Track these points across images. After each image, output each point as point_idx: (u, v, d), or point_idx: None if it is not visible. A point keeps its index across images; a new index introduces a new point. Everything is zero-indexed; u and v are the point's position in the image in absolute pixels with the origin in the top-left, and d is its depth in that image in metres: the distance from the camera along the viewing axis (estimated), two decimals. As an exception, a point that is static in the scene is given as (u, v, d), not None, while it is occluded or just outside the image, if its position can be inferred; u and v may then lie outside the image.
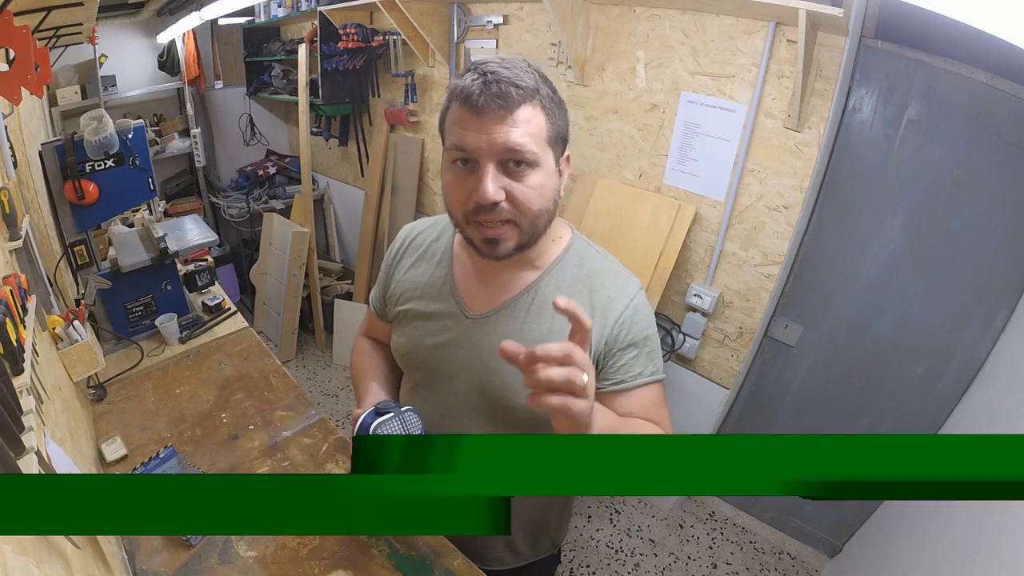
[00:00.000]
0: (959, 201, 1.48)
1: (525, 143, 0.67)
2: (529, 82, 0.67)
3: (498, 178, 0.68)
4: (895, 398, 1.71)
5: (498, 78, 0.66)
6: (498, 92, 0.65)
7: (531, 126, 0.68)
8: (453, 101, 0.69)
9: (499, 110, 0.66)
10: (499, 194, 0.68)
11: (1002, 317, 1.47)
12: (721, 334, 1.95)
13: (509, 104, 0.66)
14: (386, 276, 0.94)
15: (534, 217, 0.72)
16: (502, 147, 0.67)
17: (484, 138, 0.66)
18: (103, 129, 1.45)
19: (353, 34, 2.70)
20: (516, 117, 0.67)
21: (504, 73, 0.66)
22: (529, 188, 0.70)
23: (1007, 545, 1.01)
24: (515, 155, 0.67)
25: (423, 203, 2.99)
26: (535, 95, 0.68)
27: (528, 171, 0.69)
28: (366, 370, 1.00)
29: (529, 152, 0.68)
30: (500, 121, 0.66)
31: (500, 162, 0.68)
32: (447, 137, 0.71)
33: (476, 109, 0.66)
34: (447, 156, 0.71)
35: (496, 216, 0.70)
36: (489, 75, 0.66)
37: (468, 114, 0.67)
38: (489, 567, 0.98)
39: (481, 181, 0.68)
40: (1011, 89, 1.33)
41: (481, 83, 0.66)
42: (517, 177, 0.69)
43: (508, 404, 0.79)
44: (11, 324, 0.83)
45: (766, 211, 1.72)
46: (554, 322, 0.78)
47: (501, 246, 0.72)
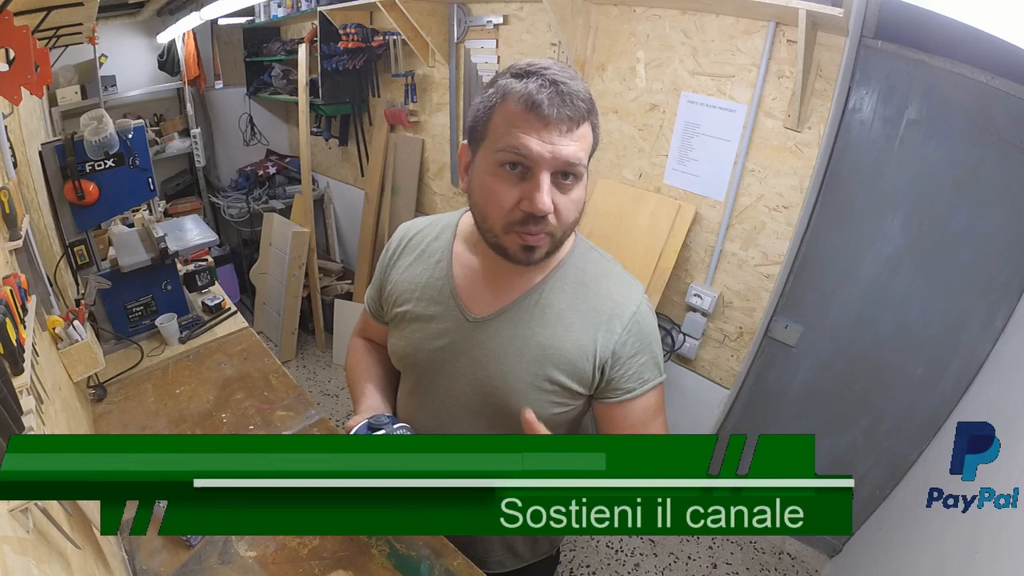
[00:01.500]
0: (959, 201, 1.48)
1: (581, 158, 0.67)
2: (588, 97, 0.68)
3: (551, 189, 0.68)
4: (895, 398, 1.71)
5: (569, 89, 0.65)
6: (569, 105, 0.65)
7: (586, 142, 0.68)
8: (512, 101, 0.67)
9: (567, 122, 0.65)
10: (552, 206, 0.68)
11: (1002, 317, 1.47)
12: (721, 334, 1.95)
13: (576, 118, 0.66)
14: (382, 276, 0.92)
15: (568, 228, 0.72)
16: (563, 160, 0.66)
17: (548, 148, 0.65)
18: (103, 129, 1.45)
19: (353, 34, 2.70)
20: (579, 132, 0.67)
21: (572, 85, 0.66)
22: (572, 201, 0.70)
23: (1007, 545, 1.00)
24: (571, 168, 0.67)
25: (423, 203, 2.99)
26: (592, 111, 0.69)
27: (575, 184, 0.69)
28: (361, 373, 0.98)
29: (582, 167, 0.68)
30: (566, 133, 0.66)
31: (553, 173, 0.67)
32: (497, 137, 0.68)
33: (543, 117, 0.65)
34: (495, 157, 0.68)
35: (543, 228, 0.69)
36: (560, 85, 0.65)
37: (535, 120, 0.65)
38: (489, 570, 0.97)
39: (538, 190, 0.66)
40: (1011, 89, 1.33)
41: (553, 92, 0.65)
42: (565, 190, 0.69)
43: (510, 408, 0.78)
44: (11, 324, 0.83)
45: (766, 211, 1.72)
46: (557, 326, 0.77)
47: (536, 252, 0.72)
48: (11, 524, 0.59)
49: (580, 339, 0.76)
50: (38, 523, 0.65)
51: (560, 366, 0.76)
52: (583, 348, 0.76)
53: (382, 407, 0.90)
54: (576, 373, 0.77)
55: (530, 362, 0.77)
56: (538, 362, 0.77)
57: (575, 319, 0.77)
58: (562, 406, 0.79)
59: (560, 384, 0.77)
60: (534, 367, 0.77)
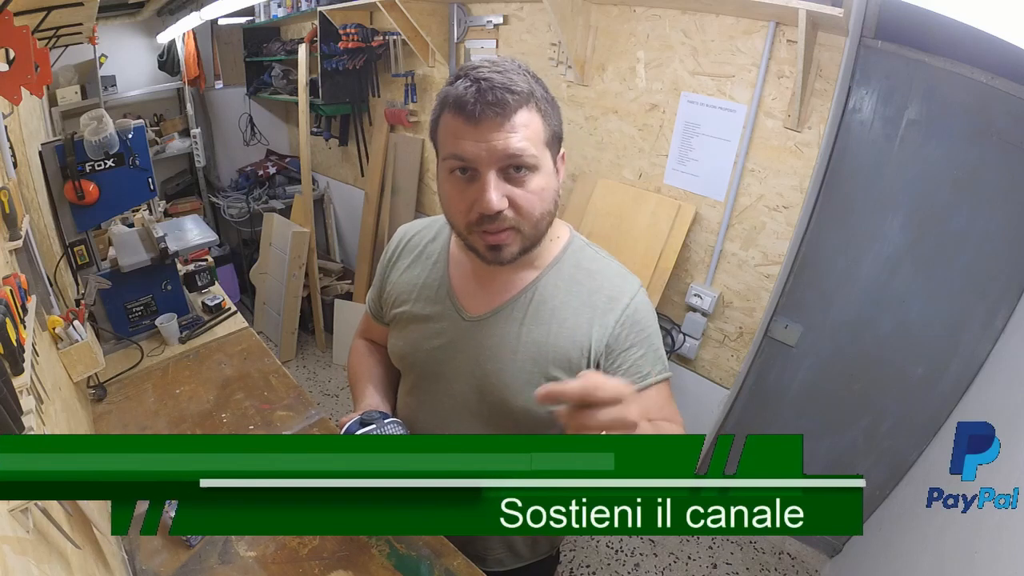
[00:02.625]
0: (959, 201, 1.48)
1: (525, 148, 0.66)
2: (523, 85, 0.66)
3: (500, 186, 0.67)
4: (895, 398, 1.71)
5: (492, 84, 0.64)
6: (493, 99, 0.64)
7: (529, 130, 0.67)
8: (445, 109, 0.68)
9: (496, 117, 0.65)
10: (502, 202, 0.67)
11: (1002, 317, 1.47)
12: (721, 334, 1.95)
13: (506, 110, 0.65)
14: (382, 278, 0.93)
15: (536, 221, 0.71)
16: (503, 154, 0.66)
17: (483, 146, 0.65)
18: (103, 129, 1.45)
19: (353, 34, 2.70)
20: (514, 122, 0.66)
21: (497, 79, 0.65)
22: (531, 193, 0.69)
23: (1007, 545, 1.00)
24: (516, 161, 0.67)
25: (423, 203, 2.99)
26: (530, 98, 0.67)
27: (529, 175, 0.68)
28: (362, 373, 0.99)
29: (530, 156, 0.67)
30: (498, 128, 0.65)
31: (500, 169, 0.67)
32: (442, 146, 0.70)
33: (472, 118, 0.65)
34: (444, 165, 0.70)
35: (500, 224, 0.69)
36: (483, 81, 0.65)
37: (464, 123, 0.66)
38: (488, 568, 0.98)
39: (484, 191, 0.67)
40: (1011, 89, 1.33)
41: (475, 90, 0.65)
42: (518, 183, 0.68)
43: (507, 406, 0.79)
44: (11, 324, 0.83)
45: (766, 211, 1.72)
46: (551, 323, 0.77)
47: (504, 251, 0.72)
48: (11, 524, 0.59)
49: (574, 335, 0.76)
50: (38, 523, 0.65)
51: (556, 362, 0.76)
52: (578, 343, 0.76)
53: (381, 406, 0.90)
54: (572, 369, 0.77)
55: (526, 359, 0.77)
56: (534, 359, 0.77)
57: (569, 315, 0.77)
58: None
59: (556, 380, 0.77)
60: (530, 364, 0.77)
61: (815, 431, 1.90)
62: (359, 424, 0.79)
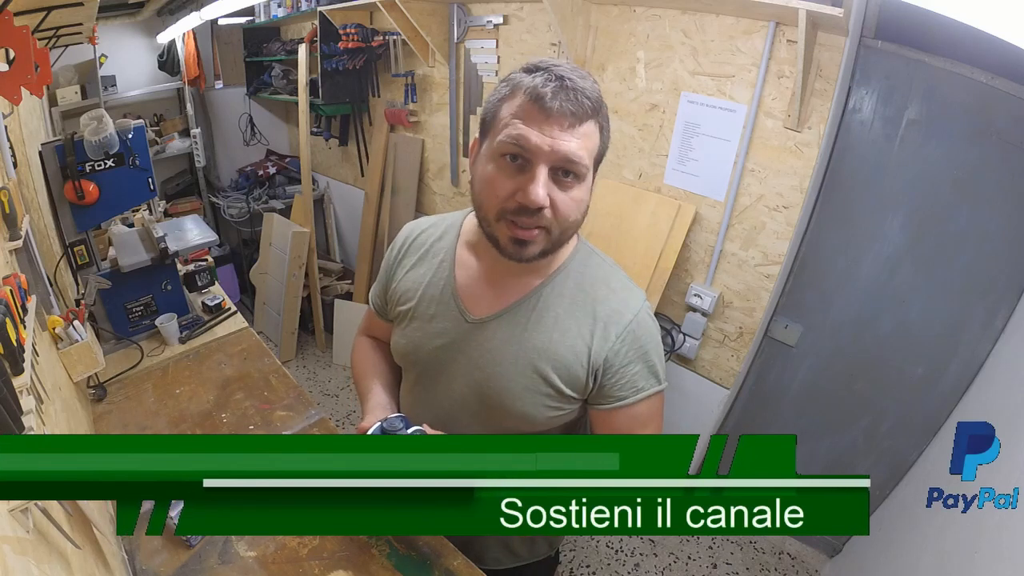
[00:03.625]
0: (959, 201, 1.48)
1: (583, 156, 0.67)
2: (596, 97, 0.68)
3: (548, 184, 0.68)
4: (895, 398, 1.71)
5: (574, 85, 0.66)
6: (572, 100, 0.65)
7: (589, 141, 0.68)
8: (518, 95, 0.68)
9: (569, 117, 0.66)
10: (547, 199, 0.68)
11: (1002, 317, 1.47)
12: (721, 334, 1.95)
13: (579, 114, 0.66)
14: (387, 274, 0.92)
15: (566, 228, 0.72)
16: (563, 155, 0.66)
17: (548, 141, 0.66)
18: (103, 129, 1.45)
19: (353, 34, 2.70)
20: (581, 129, 0.67)
21: (579, 82, 0.66)
22: (571, 200, 0.70)
23: (1007, 545, 1.00)
24: (570, 166, 0.67)
25: (423, 203, 2.99)
26: (599, 112, 0.69)
27: (575, 183, 0.69)
28: (367, 369, 0.99)
29: (583, 166, 0.68)
30: (566, 128, 0.66)
31: (552, 168, 0.67)
32: (501, 128, 0.69)
33: (546, 110, 0.65)
34: (496, 147, 0.69)
35: (536, 221, 0.69)
36: (566, 80, 0.66)
37: (537, 112, 0.66)
38: (486, 567, 0.98)
39: (533, 182, 0.67)
40: (1011, 89, 1.33)
41: (557, 86, 0.65)
42: (563, 187, 0.69)
43: (505, 409, 0.79)
44: (11, 324, 0.83)
45: (766, 211, 1.72)
46: (553, 331, 0.77)
47: (528, 249, 0.71)
48: (11, 524, 0.59)
49: (575, 344, 0.76)
50: (38, 523, 0.65)
51: (555, 370, 0.77)
52: (578, 353, 0.76)
53: (389, 405, 0.90)
54: (570, 378, 0.77)
55: (525, 364, 0.77)
56: (533, 365, 0.77)
57: (572, 324, 0.77)
58: (556, 409, 0.79)
59: (554, 387, 0.77)
60: (529, 370, 0.77)
61: (815, 431, 1.90)
62: (381, 431, 0.78)
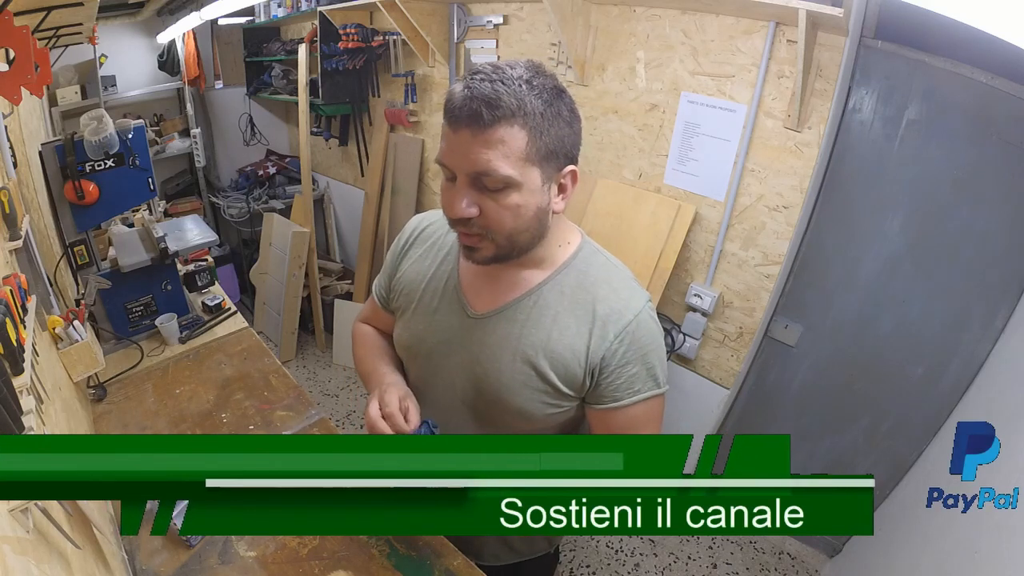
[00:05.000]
0: (959, 201, 1.48)
1: (496, 167, 0.64)
2: (511, 100, 0.63)
3: (470, 194, 0.68)
4: (895, 398, 1.71)
5: (474, 94, 0.63)
6: (471, 111, 0.63)
7: (508, 146, 0.64)
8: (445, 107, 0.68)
9: (470, 128, 0.64)
10: (468, 211, 0.68)
11: (1002, 317, 1.47)
12: (721, 334, 1.95)
13: (480, 124, 0.63)
14: (393, 265, 0.92)
15: (509, 234, 0.71)
16: (471, 167, 0.66)
17: (457, 153, 0.66)
18: (103, 129, 1.45)
19: (353, 34, 2.70)
20: (488, 138, 0.64)
21: (484, 89, 0.63)
22: (503, 208, 0.68)
23: (1007, 545, 1.00)
24: (484, 178, 0.66)
25: (423, 203, 2.99)
26: (515, 113, 0.64)
27: (505, 191, 0.67)
28: (373, 351, 0.97)
29: (500, 176, 0.65)
30: (470, 140, 0.65)
31: (473, 179, 0.67)
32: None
33: (452, 124, 0.66)
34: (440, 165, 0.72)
35: (468, 230, 0.71)
36: (470, 89, 0.64)
37: (448, 128, 0.67)
38: (484, 562, 0.98)
39: (454, 196, 0.68)
40: (1011, 89, 1.33)
41: (464, 96, 0.64)
42: (492, 196, 0.68)
43: (502, 405, 0.79)
44: (11, 324, 0.83)
45: (766, 211, 1.72)
46: (552, 328, 0.77)
47: (477, 254, 0.73)
48: (11, 524, 0.59)
49: (573, 342, 0.76)
50: (38, 523, 0.65)
51: (552, 367, 0.77)
52: (575, 352, 0.76)
53: (400, 384, 0.87)
54: (567, 376, 0.77)
55: (523, 361, 0.77)
56: (530, 361, 0.77)
57: (571, 322, 0.77)
58: (554, 407, 0.79)
59: (551, 384, 0.77)
60: (526, 366, 0.77)
61: (815, 431, 1.90)
62: (428, 431, 0.77)
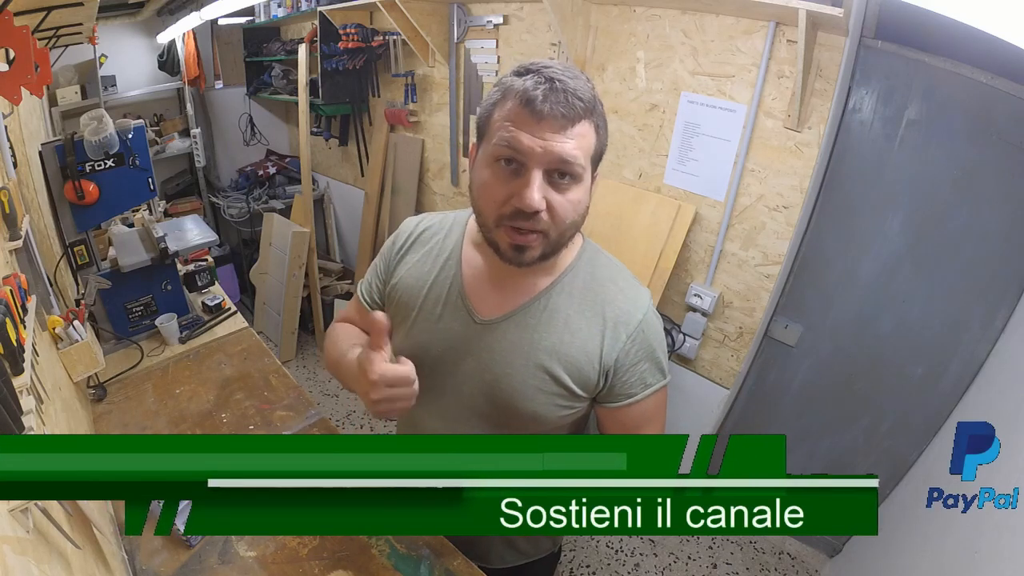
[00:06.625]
0: (959, 201, 1.48)
1: (577, 157, 0.67)
2: (589, 96, 0.67)
3: (543, 187, 0.67)
4: (895, 398, 1.71)
5: (565, 87, 0.65)
6: (563, 101, 0.65)
7: (584, 141, 0.68)
8: (509, 98, 0.68)
9: (561, 119, 0.65)
10: (543, 203, 0.67)
11: (1002, 317, 1.47)
12: (721, 334, 1.95)
13: (571, 115, 0.65)
14: (387, 269, 0.89)
15: (565, 230, 0.71)
16: (557, 157, 0.66)
17: (540, 143, 0.65)
18: (103, 129, 1.45)
19: (353, 34, 2.70)
20: (574, 130, 0.66)
21: (570, 83, 0.66)
22: (568, 201, 0.69)
23: (1007, 545, 1.00)
24: (565, 167, 0.67)
25: (423, 203, 2.99)
26: (593, 111, 0.68)
27: (571, 185, 0.69)
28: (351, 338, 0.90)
29: (578, 166, 0.67)
30: (559, 131, 0.65)
31: (547, 171, 0.67)
32: (494, 132, 0.69)
33: (537, 113, 0.65)
34: (490, 152, 0.69)
35: (533, 224, 0.69)
36: (556, 82, 0.65)
37: (528, 116, 0.65)
38: (490, 565, 0.97)
39: (527, 186, 0.66)
40: (1011, 89, 1.33)
41: (547, 88, 0.65)
42: (560, 189, 0.68)
43: (516, 411, 0.78)
44: (11, 324, 0.83)
45: (766, 211, 1.72)
46: (564, 332, 0.77)
47: (527, 253, 0.71)
48: (11, 524, 0.59)
49: (586, 345, 0.77)
50: (38, 523, 0.65)
51: (566, 370, 0.77)
52: (589, 354, 0.76)
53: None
54: (581, 378, 0.77)
55: (536, 366, 0.77)
56: (544, 366, 0.77)
57: (582, 324, 0.77)
58: (567, 408, 0.79)
59: (566, 387, 0.77)
60: (540, 371, 0.77)
61: (815, 431, 1.90)
62: None
